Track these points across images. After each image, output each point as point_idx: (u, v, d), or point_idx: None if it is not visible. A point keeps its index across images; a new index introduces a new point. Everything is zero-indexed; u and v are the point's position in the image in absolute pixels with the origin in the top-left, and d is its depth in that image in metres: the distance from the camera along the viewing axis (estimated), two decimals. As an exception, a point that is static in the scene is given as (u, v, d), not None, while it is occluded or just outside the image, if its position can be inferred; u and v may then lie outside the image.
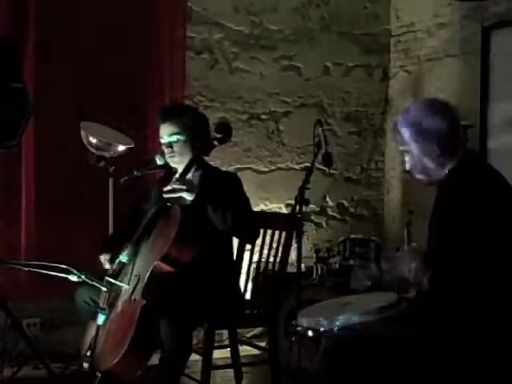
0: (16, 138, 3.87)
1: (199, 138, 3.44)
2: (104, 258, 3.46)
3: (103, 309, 2.89)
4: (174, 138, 3.45)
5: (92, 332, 3.01)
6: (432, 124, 2.57)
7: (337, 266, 4.58)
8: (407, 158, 2.66)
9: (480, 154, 4.26)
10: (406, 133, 2.62)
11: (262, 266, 3.82)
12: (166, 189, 3.32)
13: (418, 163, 2.62)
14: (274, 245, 3.72)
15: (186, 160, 3.43)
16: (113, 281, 3.11)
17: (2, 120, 3.79)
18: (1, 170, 4.36)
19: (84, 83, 4.50)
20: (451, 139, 2.58)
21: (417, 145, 2.60)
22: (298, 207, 3.23)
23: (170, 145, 3.46)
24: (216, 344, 3.78)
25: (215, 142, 3.43)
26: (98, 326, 2.89)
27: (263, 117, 5.19)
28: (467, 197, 2.46)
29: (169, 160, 3.50)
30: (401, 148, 2.67)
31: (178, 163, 3.48)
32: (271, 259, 3.74)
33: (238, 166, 5.03)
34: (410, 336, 2.48)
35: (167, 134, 3.46)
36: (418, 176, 2.66)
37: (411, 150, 2.62)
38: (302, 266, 3.81)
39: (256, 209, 4.50)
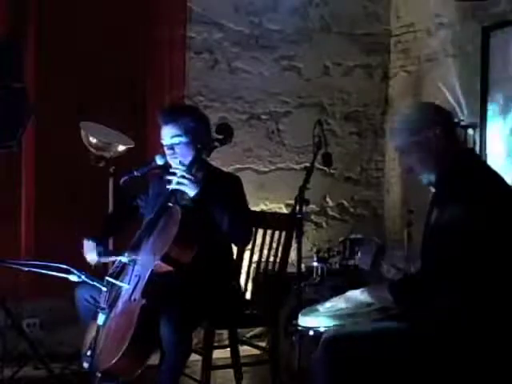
0: (16, 138, 3.88)
1: (201, 140, 3.43)
2: (88, 244, 3.48)
3: (103, 308, 2.89)
4: (176, 139, 3.44)
5: (92, 332, 3.01)
6: (426, 125, 2.59)
7: (337, 265, 4.58)
8: (403, 159, 2.68)
9: (478, 154, 4.26)
10: (401, 135, 2.65)
11: (262, 265, 3.82)
12: (171, 177, 3.33)
13: (413, 164, 2.64)
14: (274, 245, 3.72)
15: (187, 161, 3.43)
16: (113, 281, 3.11)
17: (2, 120, 3.80)
18: (1, 170, 4.36)
19: (84, 83, 4.50)
20: (444, 139, 2.60)
21: (411, 145, 2.61)
22: (298, 207, 3.24)
23: (171, 147, 3.46)
24: (216, 344, 3.79)
25: (216, 143, 3.43)
26: (98, 326, 2.89)
27: (263, 117, 5.19)
28: (464, 201, 2.46)
29: (171, 161, 3.50)
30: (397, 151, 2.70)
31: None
32: (271, 259, 3.75)
33: (237, 166, 5.03)
34: (407, 333, 2.49)
35: (169, 136, 3.46)
36: (417, 176, 2.67)
37: (408, 152, 2.64)
38: (302, 266, 3.82)
39: (256, 209, 4.52)
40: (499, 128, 4.52)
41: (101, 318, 2.87)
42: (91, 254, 3.48)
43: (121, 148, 4.16)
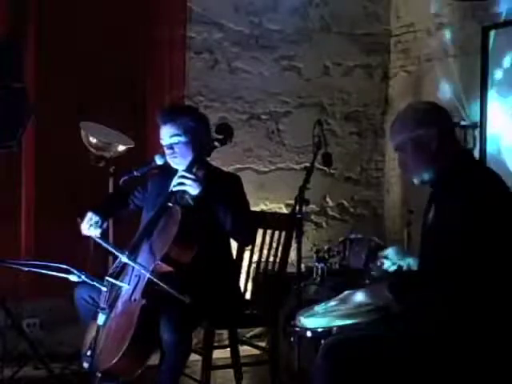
0: (16, 138, 3.88)
1: (200, 139, 3.43)
2: (91, 217, 3.48)
3: (103, 308, 2.90)
4: (175, 139, 3.44)
5: (92, 332, 3.01)
6: (425, 124, 2.60)
7: (337, 266, 4.58)
8: (401, 158, 2.68)
9: (474, 154, 4.26)
10: (401, 132, 2.65)
11: (262, 265, 3.82)
12: (175, 181, 3.33)
13: (411, 162, 2.64)
14: (274, 245, 3.72)
15: (187, 161, 3.43)
16: (113, 281, 3.11)
17: (2, 120, 3.80)
18: (1, 170, 4.36)
19: (84, 83, 4.50)
20: (443, 138, 2.60)
21: (409, 142, 2.62)
22: (297, 207, 3.24)
23: (170, 146, 3.46)
24: (216, 344, 3.79)
25: (216, 143, 3.44)
26: (99, 326, 2.89)
27: (263, 117, 5.19)
28: (464, 198, 2.47)
29: (170, 161, 3.50)
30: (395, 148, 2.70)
31: (180, 164, 3.48)
32: (271, 259, 3.75)
33: (238, 166, 5.03)
34: (407, 336, 2.49)
35: (168, 135, 3.46)
36: (412, 176, 2.67)
37: (405, 149, 2.64)
38: (302, 266, 3.82)
39: (256, 209, 4.52)
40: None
41: (101, 318, 2.88)
42: (94, 229, 3.47)
43: (121, 148, 4.17)
